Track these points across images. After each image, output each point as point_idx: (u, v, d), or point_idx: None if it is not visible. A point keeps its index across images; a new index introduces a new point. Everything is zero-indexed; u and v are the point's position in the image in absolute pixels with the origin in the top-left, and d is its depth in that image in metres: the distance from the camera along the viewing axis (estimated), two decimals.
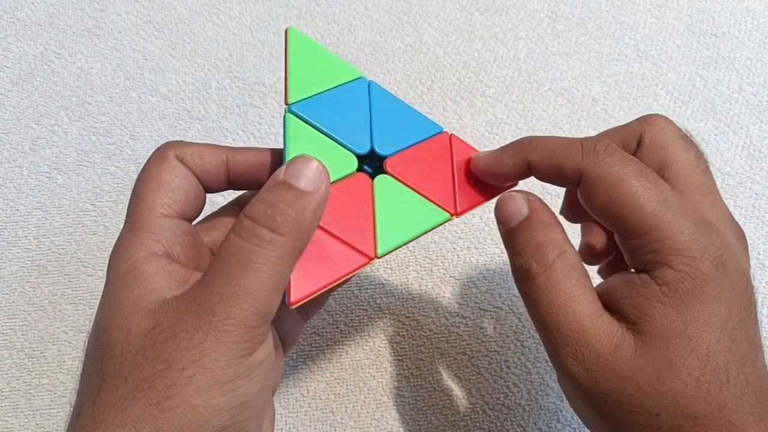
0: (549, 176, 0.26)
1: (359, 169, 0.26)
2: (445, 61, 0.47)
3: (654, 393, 0.22)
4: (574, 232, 0.29)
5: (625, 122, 0.27)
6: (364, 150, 0.26)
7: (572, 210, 0.31)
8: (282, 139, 0.25)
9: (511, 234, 0.26)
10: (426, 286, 0.40)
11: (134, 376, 0.21)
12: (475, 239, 0.41)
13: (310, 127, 0.26)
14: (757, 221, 0.42)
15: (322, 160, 0.24)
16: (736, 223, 0.26)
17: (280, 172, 0.24)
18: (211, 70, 0.46)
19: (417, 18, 0.48)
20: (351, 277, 0.25)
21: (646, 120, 0.26)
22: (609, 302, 0.24)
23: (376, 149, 0.27)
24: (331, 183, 0.25)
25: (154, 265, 0.24)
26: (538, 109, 0.45)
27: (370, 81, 0.28)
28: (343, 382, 0.38)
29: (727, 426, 0.22)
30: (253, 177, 0.28)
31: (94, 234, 0.41)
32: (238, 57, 0.46)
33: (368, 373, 0.38)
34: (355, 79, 0.27)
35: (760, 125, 0.44)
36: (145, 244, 0.24)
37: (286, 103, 0.26)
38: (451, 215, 0.28)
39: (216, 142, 0.43)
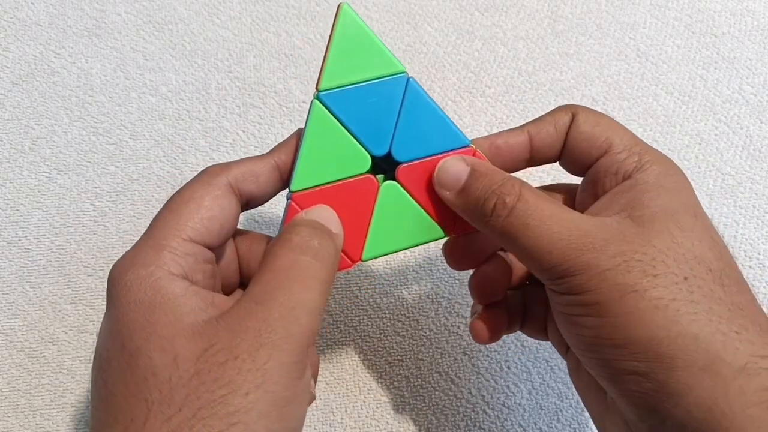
0: (548, 134, 0.28)
1: (373, 168, 0.27)
2: (445, 61, 0.47)
3: (674, 254, 0.22)
4: None
5: (625, 122, 0.28)
6: (381, 152, 0.26)
7: (457, 256, 0.30)
8: (305, 122, 0.26)
9: (463, 192, 0.26)
10: (426, 286, 0.40)
11: (191, 404, 0.20)
12: None
13: (334, 119, 0.25)
14: (757, 221, 0.42)
15: (338, 157, 0.25)
16: None
17: (303, 214, 0.25)
18: (211, 70, 0.46)
19: (417, 18, 0.48)
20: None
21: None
22: (597, 214, 0.25)
23: (394, 154, 0.26)
24: (341, 180, 0.26)
25: (178, 285, 0.22)
26: (538, 109, 0.45)
27: (409, 78, 0.26)
28: (343, 382, 0.38)
29: (753, 303, 0.23)
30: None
31: (94, 234, 0.41)
32: (238, 57, 0.46)
33: (368, 373, 0.38)
34: (394, 74, 0.26)
35: (760, 125, 0.44)
36: (166, 263, 0.23)
37: (317, 89, 0.25)
38: (446, 234, 0.28)
39: (216, 142, 0.43)
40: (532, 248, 0.23)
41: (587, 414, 0.37)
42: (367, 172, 0.26)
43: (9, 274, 0.40)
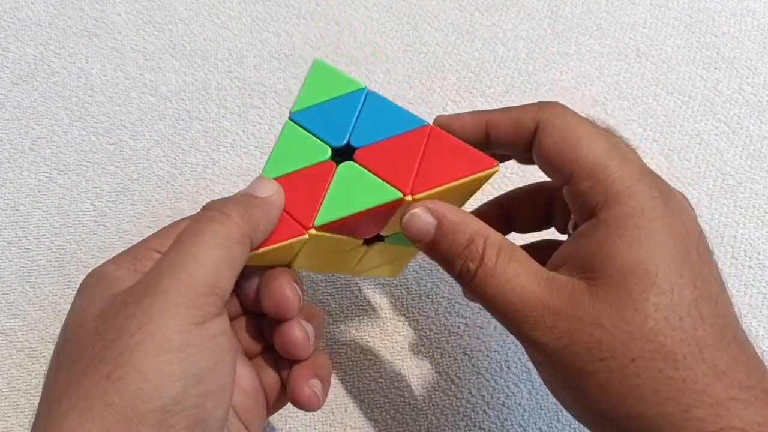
0: (506, 133, 0.26)
1: (335, 160, 0.28)
2: (445, 61, 0.47)
3: (623, 334, 0.21)
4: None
5: (625, 122, 0.27)
6: (340, 143, 0.28)
7: None
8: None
9: (432, 246, 0.25)
10: (426, 286, 0.40)
11: (87, 354, 0.21)
12: None
13: (302, 130, 0.28)
14: (757, 221, 0.42)
15: (302, 152, 0.28)
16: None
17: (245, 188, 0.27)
18: (211, 70, 0.46)
19: (417, 18, 0.48)
20: (294, 247, 0.27)
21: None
22: (560, 265, 0.24)
23: (352, 142, 0.28)
24: (301, 169, 0.28)
25: (122, 270, 0.25)
26: None
27: (369, 91, 0.29)
28: (343, 382, 0.38)
29: (714, 372, 0.21)
30: None
31: (94, 234, 0.41)
32: (238, 57, 0.46)
33: (368, 373, 0.38)
34: (356, 90, 0.29)
35: (760, 125, 0.44)
36: (123, 263, 0.25)
37: (290, 112, 0.29)
38: (404, 194, 0.27)
39: (216, 142, 0.44)
40: (495, 315, 0.24)
41: None
42: (329, 161, 0.28)
43: (9, 274, 0.40)
